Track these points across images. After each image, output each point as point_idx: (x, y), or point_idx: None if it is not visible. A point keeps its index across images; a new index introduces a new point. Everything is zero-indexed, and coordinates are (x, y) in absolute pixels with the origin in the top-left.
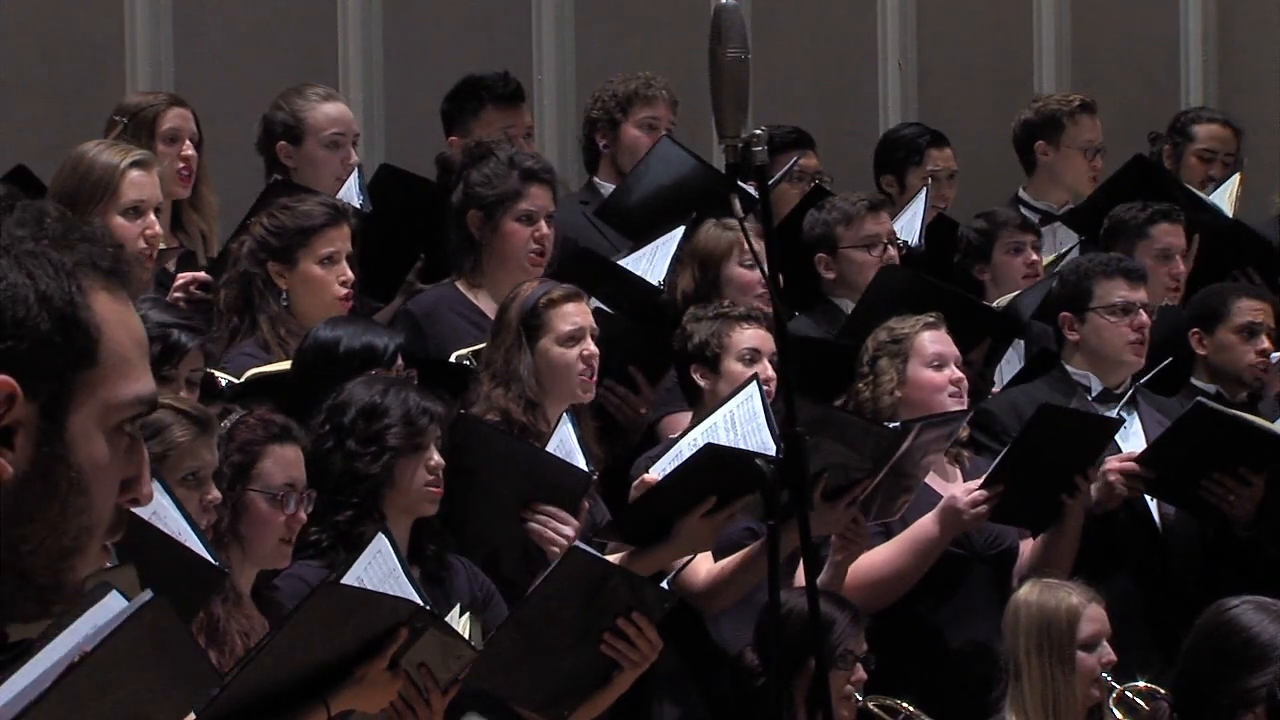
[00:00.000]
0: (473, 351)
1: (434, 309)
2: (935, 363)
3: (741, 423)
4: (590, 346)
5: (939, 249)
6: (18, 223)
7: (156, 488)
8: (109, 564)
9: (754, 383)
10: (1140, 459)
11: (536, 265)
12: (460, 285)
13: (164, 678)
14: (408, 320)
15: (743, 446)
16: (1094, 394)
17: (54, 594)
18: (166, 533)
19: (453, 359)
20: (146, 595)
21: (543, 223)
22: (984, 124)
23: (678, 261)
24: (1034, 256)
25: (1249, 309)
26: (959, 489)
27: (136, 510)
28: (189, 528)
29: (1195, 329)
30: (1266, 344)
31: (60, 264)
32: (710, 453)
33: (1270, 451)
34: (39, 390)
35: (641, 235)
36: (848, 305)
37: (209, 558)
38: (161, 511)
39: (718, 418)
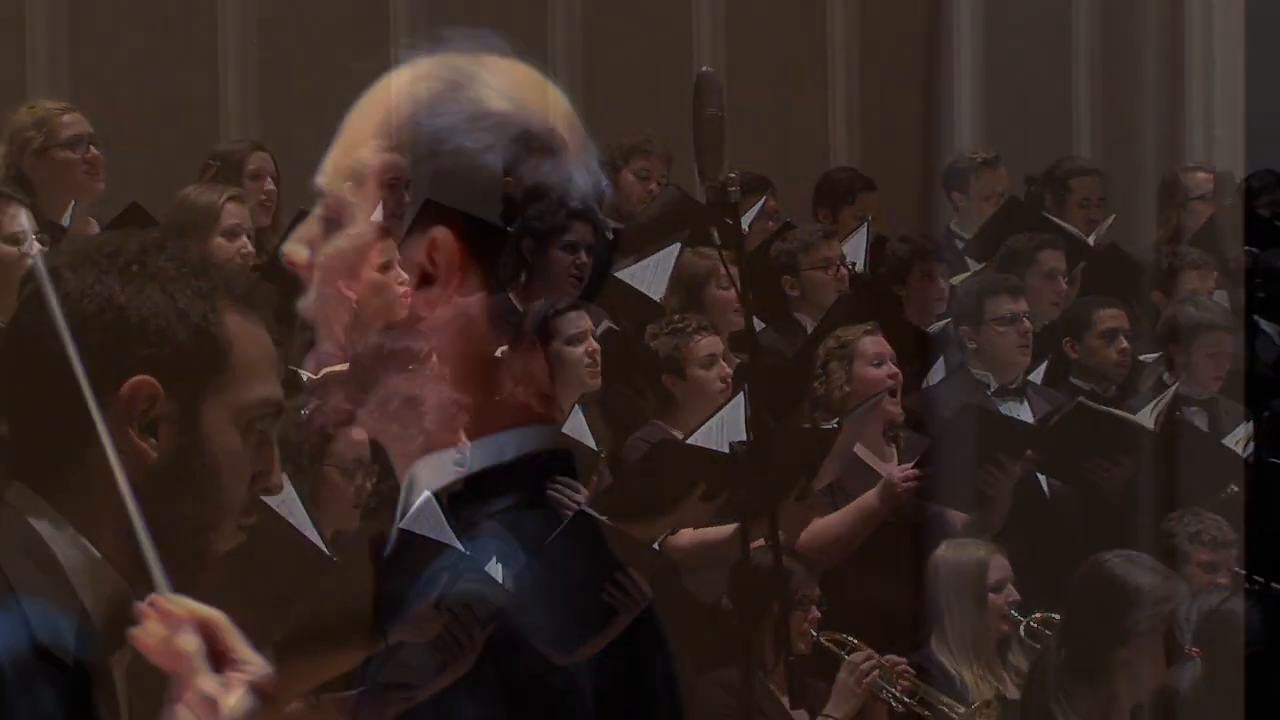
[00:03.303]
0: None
1: None
2: (875, 361)
3: (728, 427)
4: (593, 344)
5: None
6: (168, 258)
7: (286, 483)
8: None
9: (741, 395)
10: (1031, 445)
11: (574, 289)
12: (512, 296)
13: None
14: None
15: (721, 448)
16: (991, 390)
17: (193, 562)
18: (290, 522)
19: None
20: None
21: (582, 252)
22: (915, 170)
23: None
24: (942, 284)
25: (1108, 317)
26: (896, 470)
27: (268, 500)
28: (309, 522)
29: (1067, 338)
30: (1124, 344)
31: (198, 288)
32: (662, 446)
33: (1136, 439)
34: (179, 390)
35: (641, 250)
36: (807, 321)
37: (324, 548)
38: (289, 503)
39: (713, 421)
